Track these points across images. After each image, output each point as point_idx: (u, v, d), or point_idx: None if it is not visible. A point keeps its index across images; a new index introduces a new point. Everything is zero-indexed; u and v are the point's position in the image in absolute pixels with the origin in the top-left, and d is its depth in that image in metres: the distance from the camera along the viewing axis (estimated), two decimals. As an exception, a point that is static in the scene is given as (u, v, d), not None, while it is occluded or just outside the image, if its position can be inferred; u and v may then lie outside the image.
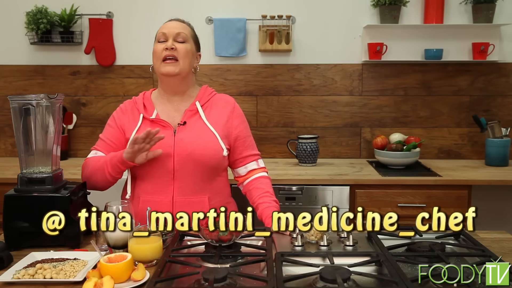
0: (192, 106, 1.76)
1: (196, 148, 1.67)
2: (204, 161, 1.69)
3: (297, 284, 1.18)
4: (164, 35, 1.73)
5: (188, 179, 1.69)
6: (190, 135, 1.70)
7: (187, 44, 1.74)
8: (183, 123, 1.72)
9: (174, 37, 1.72)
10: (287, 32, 3.00)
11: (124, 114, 1.80)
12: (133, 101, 1.82)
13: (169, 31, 1.73)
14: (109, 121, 1.82)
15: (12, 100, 1.53)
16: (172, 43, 1.71)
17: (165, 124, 1.72)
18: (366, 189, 2.54)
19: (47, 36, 3.00)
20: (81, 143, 3.16)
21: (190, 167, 1.68)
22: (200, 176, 1.70)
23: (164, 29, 1.75)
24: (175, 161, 1.67)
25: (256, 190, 1.78)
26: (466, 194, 2.53)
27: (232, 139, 1.77)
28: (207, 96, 1.80)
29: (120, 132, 1.77)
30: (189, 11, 3.05)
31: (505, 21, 2.98)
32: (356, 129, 3.13)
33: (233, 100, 1.85)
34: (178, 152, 1.67)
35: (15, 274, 1.25)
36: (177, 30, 1.73)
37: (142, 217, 1.67)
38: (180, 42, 1.73)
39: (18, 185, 1.52)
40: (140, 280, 1.22)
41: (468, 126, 3.10)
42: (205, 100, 1.79)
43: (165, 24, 1.78)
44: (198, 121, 1.74)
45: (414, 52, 3.03)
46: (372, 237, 1.50)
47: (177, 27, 1.75)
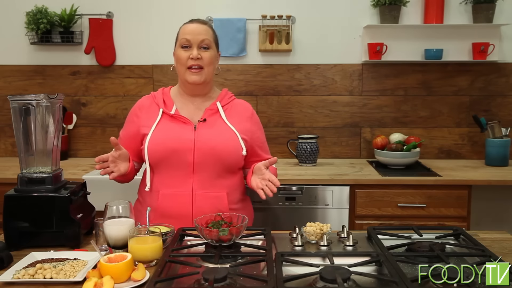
0: (213, 105, 1.79)
1: (218, 144, 1.70)
2: (224, 157, 1.71)
3: (297, 284, 1.18)
4: (188, 42, 1.73)
5: (207, 173, 1.71)
6: (210, 131, 1.73)
7: (211, 50, 1.75)
8: (203, 120, 1.75)
9: (199, 44, 1.73)
10: (287, 32, 3.00)
11: (141, 110, 1.82)
12: (152, 96, 1.84)
13: (193, 38, 1.72)
14: (127, 117, 1.86)
15: (12, 100, 1.53)
16: (197, 52, 1.72)
17: (185, 120, 1.74)
18: (366, 189, 2.54)
19: (47, 36, 3.00)
20: (81, 143, 3.16)
21: (210, 162, 1.70)
22: (218, 171, 1.72)
23: (188, 34, 1.73)
24: (195, 155, 1.69)
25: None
26: (466, 194, 2.53)
27: (249, 144, 1.79)
28: (228, 99, 1.84)
29: (135, 128, 1.79)
30: (189, 11, 3.05)
31: (505, 21, 2.98)
32: (356, 129, 3.13)
33: (251, 106, 1.89)
34: (198, 147, 1.69)
35: (15, 274, 1.25)
36: (201, 37, 1.73)
37: (162, 210, 1.70)
38: (205, 49, 1.74)
39: (18, 185, 1.53)
40: (140, 280, 1.22)
41: (468, 126, 3.10)
42: (225, 102, 1.82)
43: (188, 28, 1.76)
44: (218, 120, 1.77)
45: (414, 52, 3.03)
46: (372, 237, 1.50)
47: (201, 32, 1.74)
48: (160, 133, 1.72)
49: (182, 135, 1.70)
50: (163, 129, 1.73)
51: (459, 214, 2.52)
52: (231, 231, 1.39)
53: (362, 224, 2.52)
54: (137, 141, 1.78)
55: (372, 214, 2.54)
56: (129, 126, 1.83)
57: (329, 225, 1.52)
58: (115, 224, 1.40)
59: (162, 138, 1.71)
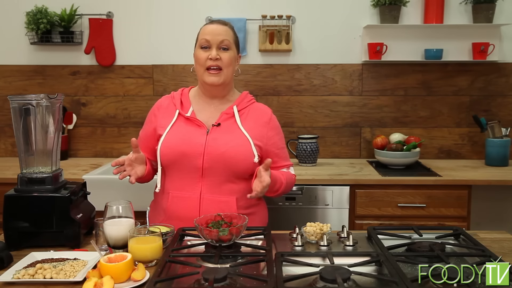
0: (229, 109, 1.77)
1: (228, 150, 1.68)
2: (234, 163, 1.69)
3: (297, 284, 1.18)
4: (208, 42, 1.72)
5: (216, 178, 1.69)
6: (223, 136, 1.71)
7: (231, 51, 1.74)
8: (217, 125, 1.73)
9: (218, 45, 1.71)
10: (287, 32, 3.00)
11: (159, 110, 1.82)
12: (171, 96, 1.84)
13: (212, 38, 1.71)
14: (146, 117, 1.86)
15: (12, 100, 1.53)
16: (216, 53, 1.70)
17: (199, 123, 1.73)
18: (366, 189, 2.54)
19: (47, 36, 3.00)
20: (81, 143, 3.16)
21: (220, 167, 1.68)
22: (228, 177, 1.70)
23: (207, 35, 1.72)
24: (205, 160, 1.68)
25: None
26: (466, 194, 2.53)
27: (265, 150, 1.77)
28: (246, 102, 1.81)
29: (152, 128, 1.79)
30: (189, 11, 3.06)
31: (505, 21, 2.98)
32: (356, 129, 3.13)
33: (270, 111, 1.86)
34: (209, 151, 1.68)
35: (15, 274, 1.25)
36: (221, 38, 1.71)
37: (170, 212, 1.70)
38: (224, 50, 1.72)
39: (18, 185, 1.53)
40: (140, 280, 1.22)
41: (468, 126, 3.10)
42: (243, 106, 1.80)
43: (208, 29, 1.75)
44: (233, 125, 1.74)
45: (414, 52, 3.03)
46: (372, 237, 1.50)
47: (221, 33, 1.72)
48: (173, 136, 1.71)
49: (194, 139, 1.69)
50: (176, 131, 1.72)
51: (459, 214, 2.52)
52: (231, 231, 1.39)
53: (362, 224, 2.52)
54: (155, 140, 1.77)
55: (372, 214, 2.54)
56: (148, 126, 1.83)
57: (329, 225, 1.52)
58: (115, 224, 1.40)
59: (174, 141, 1.70)
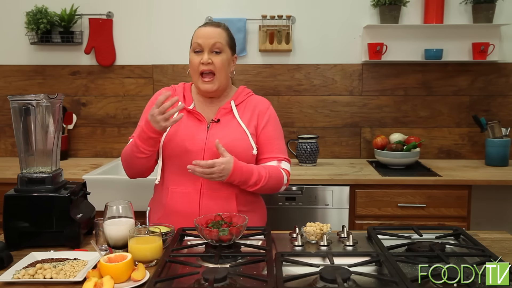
0: (227, 104, 1.78)
1: (227, 144, 1.68)
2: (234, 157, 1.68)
3: (297, 284, 1.18)
4: (200, 46, 1.71)
5: None
6: (222, 131, 1.73)
7: (223, 54, 1.73)
8: (217, 121, 1.75)
9: (210, 48, 1.71)
10: (287, 32, 3.00)
11: None
12: (172, 88, 1.84)
13: (204, 42, 1.71)
14: (145, 109, 1.84)
15: (12, 100, 1.53)
16: (208, 57, 1.70)
17: (201, 118, 1.75)
18: (366, 189, 2.54)
19: (47, 36, 3.00)
20: (81, 143, 3.16)
21: None
22: None
23: (199, 38, 1.72)
24: (205, 155, 1.69)
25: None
26: (466, 194, 2.53)
27: (256, 138, 1.78)
28: (243, 96, 1.83)
29: None
30: (189, 11, 3.06)
31: (505, 21, 2.98)
32: (356, 129, 3.13)
33: (268, 102, 1.87)
34: (209, 147, 1.69)
35: (15, 274, 1.25)
36: (212, 41, 1.71)
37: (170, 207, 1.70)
38: (216, 53, 1.72)
39: (18, 185, 1.53)
40: (140, 280, 1.22)
41: (468, 126, 3.10)
42: (241, 100, 1.81)
43: (200, 32, 1.74)
44: (232, 120, 1.76)
45: (414, 52, 3.03)
46: (372, 237, 1.50)
47: (213, 36, 1.72)
48: (177, 131, 1.71)
49: (196, 135, 1.71)
50: (180, 125, 1.71)
51: (459, 214, 2.52)
52: (231, 231, 1.39)
53: (362, 224, 2.52)
54: None
55: (372, 214, 2.54)
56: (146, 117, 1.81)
57: (329, 225, 1.52)
58: (115, 224, 1.40)
59: (178, 136, 1.70)
